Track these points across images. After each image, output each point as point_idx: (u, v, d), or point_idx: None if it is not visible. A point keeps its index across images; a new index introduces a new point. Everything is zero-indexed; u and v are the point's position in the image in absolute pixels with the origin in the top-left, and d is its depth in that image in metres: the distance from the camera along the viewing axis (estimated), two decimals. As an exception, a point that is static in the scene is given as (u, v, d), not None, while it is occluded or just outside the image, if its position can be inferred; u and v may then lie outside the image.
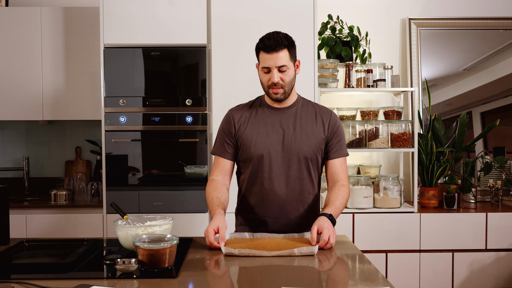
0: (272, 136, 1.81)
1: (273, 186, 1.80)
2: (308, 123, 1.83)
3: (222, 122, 1.91)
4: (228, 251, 1.54)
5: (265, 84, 1.79)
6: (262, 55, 1.75)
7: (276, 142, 1.80)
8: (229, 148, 1.87)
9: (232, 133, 1.86)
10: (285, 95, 1.79)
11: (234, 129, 1.85)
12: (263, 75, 1.78)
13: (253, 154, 1.80)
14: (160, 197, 2.81)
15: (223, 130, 1.89)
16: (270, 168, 1.80)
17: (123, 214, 1.69)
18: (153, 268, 1.36)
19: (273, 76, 1.73)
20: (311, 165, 1.82)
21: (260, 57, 1.76)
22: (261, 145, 1.80)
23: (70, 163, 3.39)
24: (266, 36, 1.75)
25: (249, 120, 1.85)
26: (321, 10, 3.25)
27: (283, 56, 1.73)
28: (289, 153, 1.79)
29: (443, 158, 3.12)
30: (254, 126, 1.83)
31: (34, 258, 1.57)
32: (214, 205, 1.75)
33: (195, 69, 2.83)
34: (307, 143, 1.80)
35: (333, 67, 3.04)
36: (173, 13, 2.80)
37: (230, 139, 1.86)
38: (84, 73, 3.09)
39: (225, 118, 1.90)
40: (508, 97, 3.43)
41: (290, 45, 1.75)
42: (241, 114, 1.87)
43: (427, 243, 2.87)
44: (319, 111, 1.87)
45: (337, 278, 1.37)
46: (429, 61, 3.39)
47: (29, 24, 3.06)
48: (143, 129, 2.82)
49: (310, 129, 1.82)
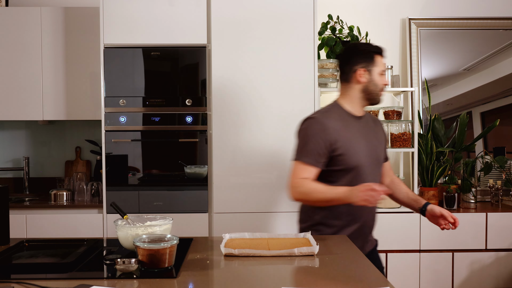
0: (363, 144, 1.86)
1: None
2: (375, 131, 1.98)
3: (315, 130, 1.80)
4: (228, 251, 1.54)
5: (381, 86, 1.89)
6: (379, 59, 1.87)
7: (367, 151, 1.86)
8: (323, 158, 1.80)
9: (329, 142, 1.79)
10: None
11: (331, 137, 1.79)
12: (381, 78, 1.88)
13: (351, 164, 1.81)
14: (160, 197, 2.81)
15: (319, 138, 1.79)
16: (366, 177, 1.83)
17: (123, 214, 1.69)
18: (153, 268, 1.36)
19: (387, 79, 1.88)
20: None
21: (378, 61, 1.87)
22: (357, 155, 1.82)
23: (70, 163, 3.39)
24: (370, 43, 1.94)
25: (342, 129, 1.83)
26: (321, 10, 3.25)
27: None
28: (376, 160, 1.90)
29: (443, 158, 3.12)
30: (348, 136, 1.83)
31: (34, 258, 1.57)
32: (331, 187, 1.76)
33: (195, 69, 2.83)
34: (381, 149, 1.96)
35: (333, 67, 3.04)
36: (173, 13, 2.80)
37: (326, 148, 1.79)
38: (84, 73, 3.09)
39: (318, 126, 1.81)
40: (508, 97, 3.43)
41: None
42: (334, 123, 1.82)
43: (427, 243, 2.87)
44: (371, 117, 2.03)
45: (337, 278, 1.37)
46: (429, 61, 3.39)
47: (29, 24, 3.06)
48: (143, 129, 2.82)
49: (379, 136, 1.98)
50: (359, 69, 1.86)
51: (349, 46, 1.96)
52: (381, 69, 1.87)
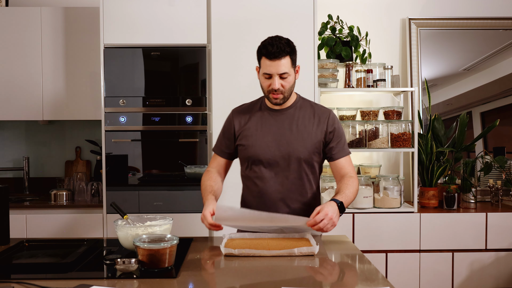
0: (269, 138, 1.82)
1: (271, 188, 1.82)
2: (305, 124, 1.84)
3: (225, 122, 1.95)
4: (228, 251, 1.54)
5: (265, 89, 1.80)
6: (264, 61, 1.74)
7: (273, 144, 1.81)
8: (227, 148, 1.92)
9: (232, 134, 1.90)
10: (284, 100, 1.81)
11: (234, 130, 1.89)
12: (264, 80, 1.78)
13: (251, 156, 1.84)
14: (160, 197, 2.81)
15: (224, 130, 1.94)
16: (267, 170, 1.82)
17: (123, 214, 1.69)
18: (153, 268, 1.36)
19: (274, 83, 1.74)
20: (307, 167, 1.83)
21: (262, 63, 1.76)
22: (259, 147, 1.82)
23: (70, 163, 3.39)
24: (268, 42, 1.74)
25: (249, 121, 1.88)
26: (321, 10, 3.25)
27: (285, 63, 1.73)
28: (285, 154, 1.80)
29: (443, 158, 3.12)
30: (252, 128, 1.86)
31: (34, 258, 1.57)
32: (207, 192, 1.80)
33: (195, 69, 2.83)
34: (302, 144, 1.81)
35: (333, 67, 3.04)
36: (173, 13, 2.80)
37: (229, 139, 1.91)
38: (84, 73, 3.09)
39: (227, 118, 1.95)
40: (508, 97, 3.43)
41: (292, 51, 1.75)
42: (242, 115, 1.91)
43: (427, 243, 2.87)
44: (317, 112, 1.87)
45: (337, 278, 1.37)
46: (429, 61, 3.39)
47: (29, 24, 3.06)
48: (143, 129, 2.82)
49: (307, 130, 1.83)
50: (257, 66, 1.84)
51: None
52: (263, 72, 1.75)
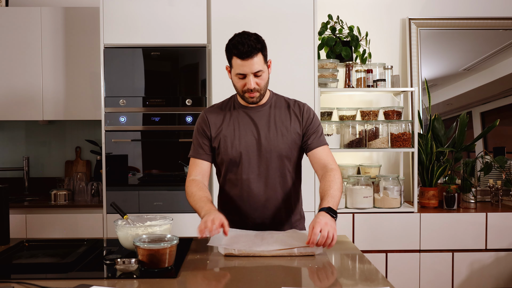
0: (248, 136, 1.78)
1: (253, 187, 1.78)
2: (282, 120, 1.80)
3: (197, 124, 1.86)
4: (228, 251, 1.54)
5: (239, 89, 1.74)
6: (235, 60, 1.68)
7: (251, 143, 1.77)
8: (205, 150, 1.83)
9: (208, 135, 1.82)
10: (261, 98, 1.77)
11: (209, 131, 1.82)
12: (238, 81, 1.72)
13: (229, 156, 1.78)
14: (160, 197, 2.81)
15: (198, 132, 1.84)
16: (248, 169, 1.77)
17: (123, 214, 1.69)
18: (153, 268, 1.36)
19: (250, 83, 1.69)
20: (288, 163, 1.80)
21: (234, 63, 1.69)
22: (237, 147, 1.77)
23: (70, 163, 3.39)
24: (238, 41, 1.67)
25: (224, 121, 1.82)
26: (321, 10, 3.25)
27: (257, 61, 1.67)
28: (266, 152, 1.77)
29: (443, 158, 3.12)
30: (229, 128, 1.80)
31: (34, 258, 1.57)
32: (204, 202, 1.67)
33: (195, 69, 2.83)
34: (282, 140, 1.78)
35: (333, 67, 3.04)
36: (173, 13, 2.81)
37: (206, 141, 1.83)
38: (84, 73, 3.09)
39: (199, 119, 1.85)
40: (508, 97, 3.43)
41: (262, 47, 1.70)
42: (216, 115, 1.83)
43: (427, 243, 2.87)
44: (292, 106, 1.84)
45: (337, 278, 1.37)
46: (429, 61, 3.39)
47: (29, 24, 3.06)
48: (143, 129, 2.82)
49: (285, 126, 1.80)
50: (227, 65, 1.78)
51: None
52: (236, 72, 1.70)
